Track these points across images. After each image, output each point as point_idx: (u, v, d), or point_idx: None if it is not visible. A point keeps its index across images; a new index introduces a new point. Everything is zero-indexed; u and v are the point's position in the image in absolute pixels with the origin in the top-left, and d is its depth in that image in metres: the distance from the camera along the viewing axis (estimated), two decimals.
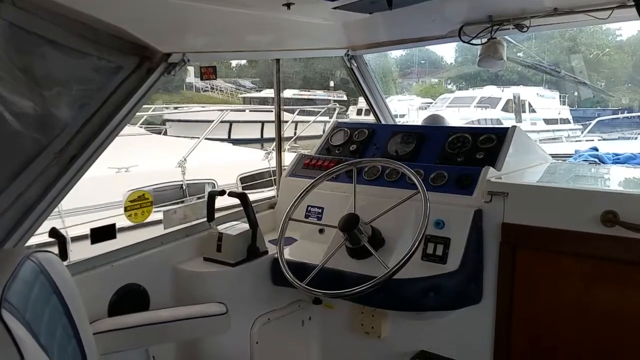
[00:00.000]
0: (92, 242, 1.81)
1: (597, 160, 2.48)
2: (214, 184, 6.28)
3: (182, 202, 5.42)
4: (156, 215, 2.22)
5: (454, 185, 2.02)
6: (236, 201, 2.10)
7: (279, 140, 2.69)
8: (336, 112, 8.98)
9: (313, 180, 2.09)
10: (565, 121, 17.12)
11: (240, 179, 7.01)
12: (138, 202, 2.24)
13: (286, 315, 2.28)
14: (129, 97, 1.58)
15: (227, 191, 2.11)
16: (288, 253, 2.17)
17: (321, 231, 2.24)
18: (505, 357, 1.93)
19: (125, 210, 2.20)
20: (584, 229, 1.72)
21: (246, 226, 2.11)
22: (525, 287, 1.88)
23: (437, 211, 1.95)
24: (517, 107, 15.60)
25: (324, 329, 2.42)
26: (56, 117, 1.54)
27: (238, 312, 2.01)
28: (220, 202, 2.18)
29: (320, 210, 2.29)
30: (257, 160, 7.43)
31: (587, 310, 1.77)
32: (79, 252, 2.11)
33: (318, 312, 2.41)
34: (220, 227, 2.13)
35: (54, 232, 1.65)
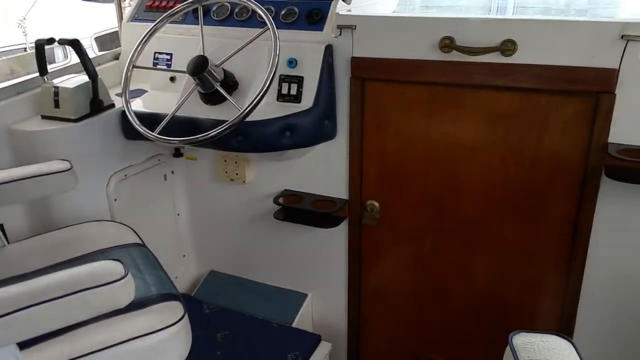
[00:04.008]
0: None
1: None
2: None
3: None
4: None
5: (305, 22, 1.96)
6: None
7: None
8: None
9: (155, 22, 1.92)
10: None
11: (96, 38, 6.38)
12: None
13: (145, 170, 2.21)
14: None
15: (57, 39, 1.88)
16: (139, 105, 2.06)
17: (172, 79, 2.13)
18: (359, 185, 2.06)
19: None
20: (425, 57, 1.77)
21: (85, 78, 1.93)
22: (375, 119, 1.96)
23: (289, 49, 1.91)
24: None
25: (188, 181, 2.41)
26: None
27: (89, 170, 1.92)
28: None
29: (169, 57, 2.15)
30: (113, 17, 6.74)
31: (430, 135, 1.90)
32: None
33: (180, 165, 2.38)
34: (56, 81, 1.94)
35: None
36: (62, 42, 1.88)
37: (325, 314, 2.35)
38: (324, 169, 2.11)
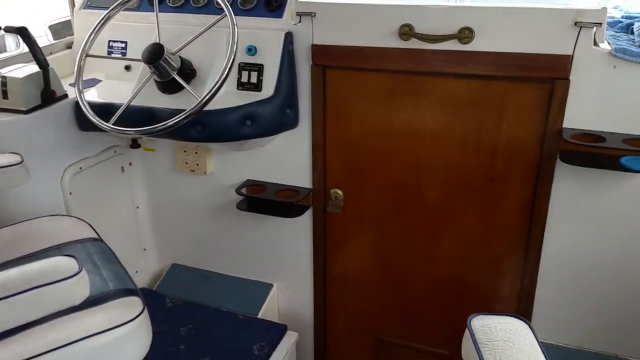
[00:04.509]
0: None
1: None
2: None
3: None
4: None
5: (263, 8, 1.93)
6: None
7: None
8: None
9: (108, 9, 1.86)
10: None
11: (50, 26, 6.16)
12: None
13: (101, 162, 2.15)
14: None
15: (3, 26, 1.80)
16: (93, 95, 2.00)
17: (127, 68, 2.08)
18: (322, 174, 2.06)
19: None
20: (385, 45, 1.77)
21: (36, 67, 1.86)
22: (337, 107, 1.95)
23: (248, 36, 1.89)
24: None
25: (147, 173, 2.35)
26: None
27: (41, 163, 1.86)
28: None
29: (123, 45, 2.09)
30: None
31: (392, 122, 1.90)
32: None
33: (138, 156, 2.32)
34: (4, 71, 1.86)
35: None
36: (8, 29, 1.80)
37: (291, 303, 2.35)
38: (286, 158, 2.09)
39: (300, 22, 1.86)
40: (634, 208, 1.72)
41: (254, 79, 1.92)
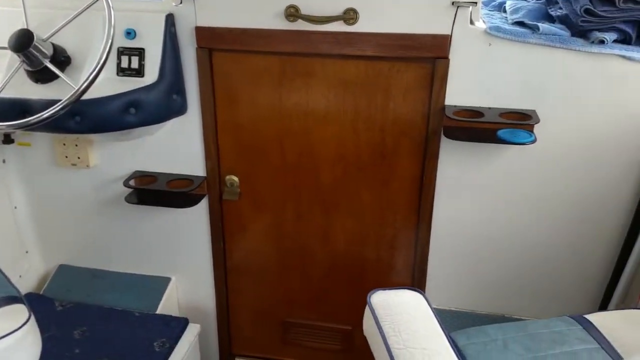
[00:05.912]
0: None
1: None
2: None
3: None
4: None
5: None
6: None
7: None
8: None
9: None
10: None
11: None
12: None
13: None
14: None
15: None
16: None
17: None
18: (216, 161, 2.01)
19: None
20: (271, 26, 1.75)
21: None
22: (227, 91, 1.91)
23: (126, 19, 1.79)
24: None
25: (23, 169, 2.17)
26: None
27: None
28: None
29: None
30: None
31: (283, 105, 1.90)
32: None
33: (13, 152, 2.13)
34: None
35: None
36: None
37: (191, 295, 2.30)
38: (177, 147, 2.02)
39: (181, 3, 1.79)
40: (510, 177, 1.86)
41: (135, 64, 1.82)
